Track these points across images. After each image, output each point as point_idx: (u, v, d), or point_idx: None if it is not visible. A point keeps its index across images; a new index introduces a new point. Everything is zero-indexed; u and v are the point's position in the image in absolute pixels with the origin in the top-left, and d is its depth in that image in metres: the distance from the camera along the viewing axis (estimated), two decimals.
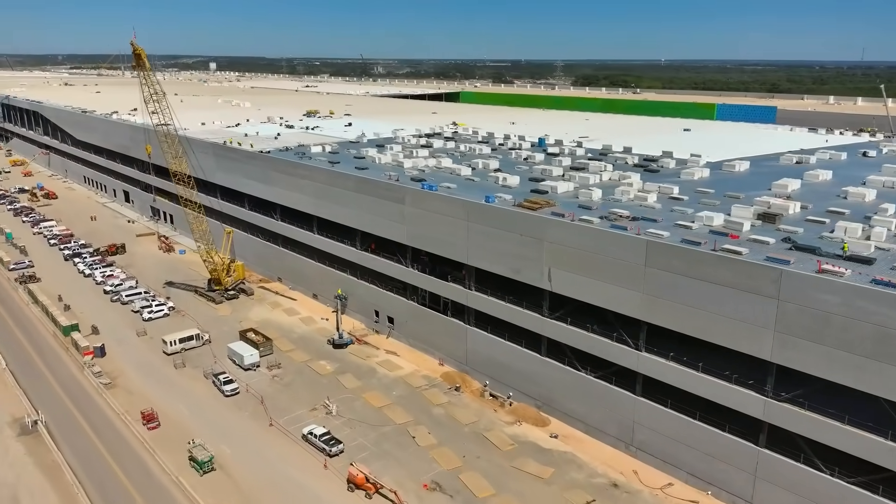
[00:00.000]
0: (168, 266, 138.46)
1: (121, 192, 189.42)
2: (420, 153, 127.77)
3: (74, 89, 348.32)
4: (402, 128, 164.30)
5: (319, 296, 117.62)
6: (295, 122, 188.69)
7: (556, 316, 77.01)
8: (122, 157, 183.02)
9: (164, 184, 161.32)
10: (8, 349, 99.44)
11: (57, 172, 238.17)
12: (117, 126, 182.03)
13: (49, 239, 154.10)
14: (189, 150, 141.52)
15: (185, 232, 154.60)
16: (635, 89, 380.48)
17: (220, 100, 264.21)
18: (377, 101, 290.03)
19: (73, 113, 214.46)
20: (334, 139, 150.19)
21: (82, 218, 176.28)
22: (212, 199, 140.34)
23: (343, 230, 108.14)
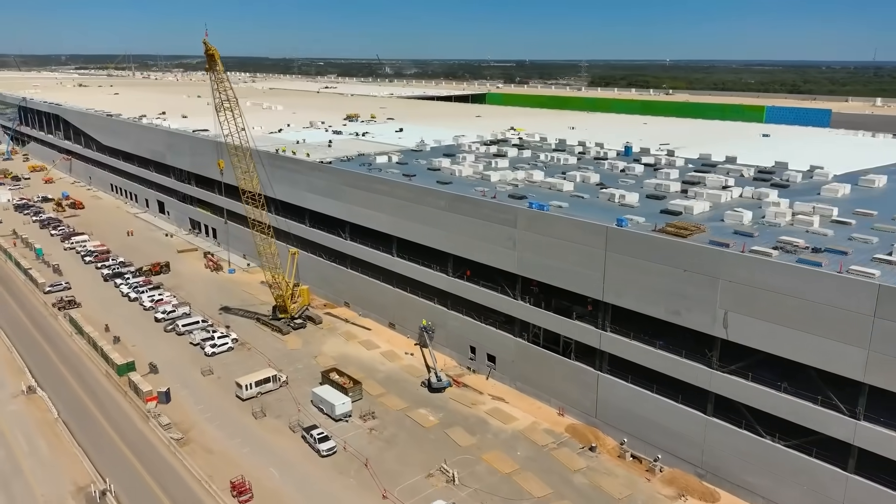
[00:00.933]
0: (219, 288, 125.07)
1: (154, 202, 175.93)
2: (499, 163, 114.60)
3: (90, 91, 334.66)
4: (462, 134, 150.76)
5: (398, 325, 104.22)
6: (338, 126, 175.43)
7: (730, 369, 63.72)
8: (156, 164, 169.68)
9: (204, 194, 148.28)
10: (58, 395, 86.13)
11: (80, 179, 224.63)
12: (153, 132, 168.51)
13: (83, 256, 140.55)
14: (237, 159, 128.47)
15: (230, 248, 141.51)
16: (667, 90, 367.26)
17: (249, 102, 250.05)
18: (408, 104, 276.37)
19: (100, 116, 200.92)
20: (392, 146, 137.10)
21: (115, 231, 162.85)
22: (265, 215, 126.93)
23: (429, 253, 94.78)
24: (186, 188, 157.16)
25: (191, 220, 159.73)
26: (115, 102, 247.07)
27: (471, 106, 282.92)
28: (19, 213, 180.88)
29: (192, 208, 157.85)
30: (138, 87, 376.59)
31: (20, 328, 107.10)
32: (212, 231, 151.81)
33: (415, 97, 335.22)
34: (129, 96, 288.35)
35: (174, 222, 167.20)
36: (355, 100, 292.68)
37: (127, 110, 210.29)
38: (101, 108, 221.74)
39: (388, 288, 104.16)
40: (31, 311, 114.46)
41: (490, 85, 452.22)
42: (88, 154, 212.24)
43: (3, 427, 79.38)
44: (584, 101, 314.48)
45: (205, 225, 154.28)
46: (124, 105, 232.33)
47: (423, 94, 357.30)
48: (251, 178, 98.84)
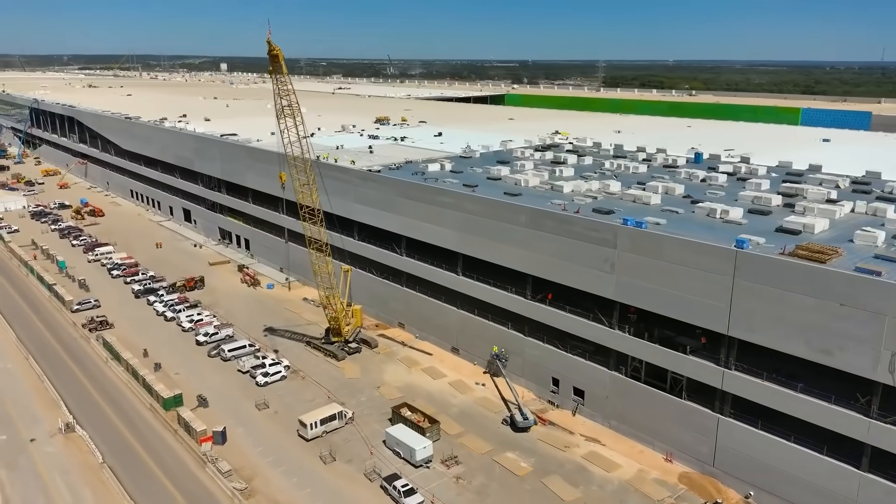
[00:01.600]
0: (259, 305, 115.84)
1: (179, 210, 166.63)
2: (564, 172, 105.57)
3: (101, 92, 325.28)
4: (509, 139, 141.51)
5: (463, 351, 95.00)
6: (371, 130, 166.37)
7: (893, 420, 54.62)
8: (182, 170, 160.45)
9: (235, 203, 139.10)
10: (100, 433, 76.95)
11: (96, 184, 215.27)
12: (179, 137, 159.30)
13: (110, 269, 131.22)
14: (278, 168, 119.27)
15: (265, 260, 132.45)
16: (690, 91, 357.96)
17: (270, 104, 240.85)
18: (431, 106, 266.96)
19: (119, 119, 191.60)
20: (438, 153, 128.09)
21: (140, 240, 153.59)
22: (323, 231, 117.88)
23: (502, 272, 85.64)
24: (216, 196, 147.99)
25: (220, 229, 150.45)
26: (129, 104, 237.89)
27: (499, 108, 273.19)
28: (36, 222, 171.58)
29: (221, 217, 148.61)
30: (149, 87, 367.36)
31: (49, 352, 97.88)
32: (244, 242, 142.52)
33: (433, 98, 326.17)
34: (142, 97, 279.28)
35: (202, 232, 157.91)
36: (374, 101, 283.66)
37: (144, 112, 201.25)
38: (117, 110, 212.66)
39: (451, 309, 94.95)
40: (59, 332, 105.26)
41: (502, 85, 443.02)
42: (106, 158, 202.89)
43: (42, 472, 70.39)
44: (608, 103, 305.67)
45: (236, 235, 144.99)
46: (139, 107, 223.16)
47: (440, 95, 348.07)
48: (311, 191, 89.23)
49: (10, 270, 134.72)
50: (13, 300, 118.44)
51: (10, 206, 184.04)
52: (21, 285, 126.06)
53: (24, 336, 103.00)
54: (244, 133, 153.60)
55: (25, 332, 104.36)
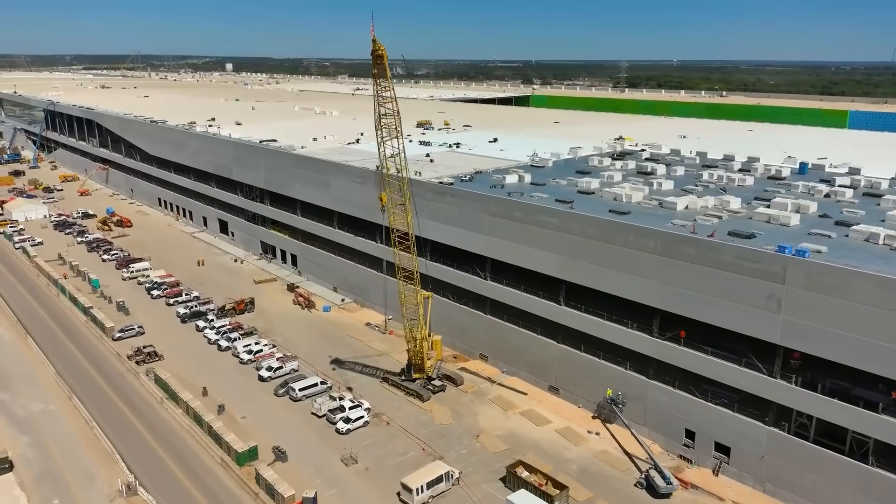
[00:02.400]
0: (319, 331, 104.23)
1: (214, 220, 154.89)
2: (664, 185, 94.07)
3: (115, 93, 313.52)
4: (578, 145, 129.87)
5: (563, 391, 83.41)
6: (416, 135, 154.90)
7: None
8: (218, 179, 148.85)
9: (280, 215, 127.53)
10: (166, 496, 65.38)
11: (119, 191, 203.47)
12: (217, 143, 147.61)
13: (149, 289, 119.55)
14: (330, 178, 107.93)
15: (315, 278, 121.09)
16: (721, 92, 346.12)
17: (297, 107, 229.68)
18: (463, 108, 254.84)
19: (145, 123, 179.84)
20: (505, 161, 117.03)
21: (174, 254, 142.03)
22: (369, 244, 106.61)
23: (619, 304, 74.20)
24: (258, 207, 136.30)
25: (262, 243, 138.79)
26: (148, 106, 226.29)
27: (540, 111, 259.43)
28: (60, 233, 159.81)
29: (264, 230, 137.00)
30: (163, 88, 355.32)
31: (95, 390, 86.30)
32: (290, 257, 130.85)
33: (457, 100, 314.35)
34: (159, 99, 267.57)
35: (240, 245, 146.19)
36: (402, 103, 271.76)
37: (166, 115, 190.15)
38: (137, 112, 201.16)
39: (549, 343, 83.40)
40: (103, 365, 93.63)
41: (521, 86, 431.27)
42: (130, 164, 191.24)
43: None
44: (641, 104, 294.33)
45: (280, 250, 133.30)
46: (160, 109, 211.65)
47: (463, 96, 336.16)
48: (405, 213, 77.52)
49: (39, 290, 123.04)
50: (46, 325, 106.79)
51: (30, 215, 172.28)
52: (53, 308, 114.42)
53: (64, 370, 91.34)
54: (284, 139, 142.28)
55: (64, 365, 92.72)
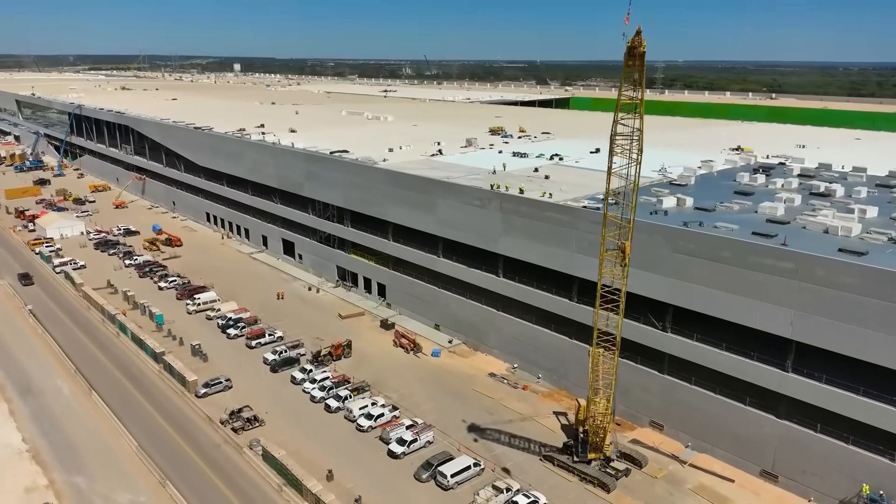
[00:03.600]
0: (436, 384, 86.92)
1: (277, 241, 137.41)
2: (867, 212, 76.84)
3: (138, 95, 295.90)
4: (708, 158, 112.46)
5: (785, 478, 66.08)
6: (498, 144, 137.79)
7: None
8: (283, 194, 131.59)
9: (366, 239, 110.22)
10: None
11: (158, 203, 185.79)
12: (284, 155, 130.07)
13: (223, 326, 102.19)
14: (438, 200, 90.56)
15: (409, 311, 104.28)
16: (770, 94, 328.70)
17: (344, 111, 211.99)
18: (512, 112, 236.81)
19: (190, 130, 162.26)
20: None
21: (240, 281, 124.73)
22: (487, 277, 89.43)
23: (871, 370, 57.16)
24: (336, 228, 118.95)
25: (339, 269, 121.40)
26: (180, 110, 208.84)
27: (601, 115, 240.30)
28: (103, 253, 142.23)
29: (342, 254, 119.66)
30: (185, 90, 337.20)
31: (191, 472, 69.00)
32: (375, 286, 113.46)
33: (497, 102, 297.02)
34: (189, 102, 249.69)
35: (309, 269, 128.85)
36: (439, 106, 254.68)
37: (205, 120, 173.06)
38: (170, 116, 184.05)
39: (767, 418, 66.20)
40: (193, 433, 76.28)
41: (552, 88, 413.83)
42: (172, 175, 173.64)
43: None
44: (695, 107, 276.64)
45: (364, 278, 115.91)
46: (195, 113, 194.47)
47: (500, 98, 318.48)
48: (624, 260, 59.80)
49: (93, 327, 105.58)
50: (111, 377, 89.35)
51: (65, 231, 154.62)
52: (114, 351, 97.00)
53: (147, 442, 73.94)
54: (356, 149, 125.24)
55: (146, 435, 75.33)
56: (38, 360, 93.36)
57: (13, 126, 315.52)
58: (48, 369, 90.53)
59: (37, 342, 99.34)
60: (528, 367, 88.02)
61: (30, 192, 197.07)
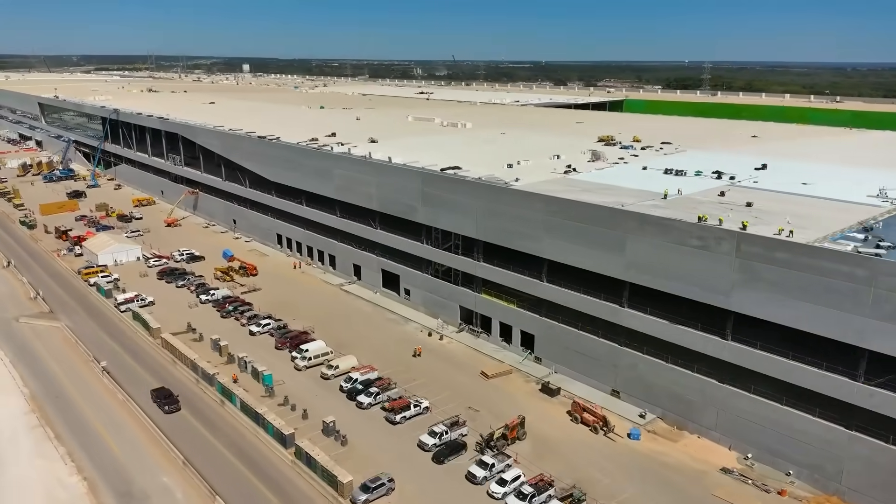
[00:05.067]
0: (659, 484, 66.39)
1: (374, 271, 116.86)
2: None
3: (167, 97, 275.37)
4: None
5: None
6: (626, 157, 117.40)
7: None
8: (383, 217, 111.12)
9: (507, 277, 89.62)
10: None
11: (214, 221, 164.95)
12: (390, 173, 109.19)
13: (351, 392, 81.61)
14: (627, 237, 69.27)
15: (567, 369, 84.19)
16: (834, 97, 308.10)
17: (410, 118, 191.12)
18: (584, 116, 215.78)
19: (258, 140, 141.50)
20: (836, 203, 79.54)
21: (340, 322, 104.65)
22: (730, 347, 68.84)
23: None
24: (462, 262, 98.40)
25: (464, 310, 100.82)
26: (223, 115, 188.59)
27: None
28: (169, 284, 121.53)
29: (469, 293, 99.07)
30: (213, 92, 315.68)
31: None
32: (518, 335, 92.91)
33: (550, 105, 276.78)
34: (229, 106, 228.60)
35: (420, 307, 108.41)
36: (511, 110, 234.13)
37: (257, 127, 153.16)
38: (212, 121, 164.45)
39: None
40: None
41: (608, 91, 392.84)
42: (233, 190, 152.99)
43: None
44: (767, 111, 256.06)
45: (500, 323, 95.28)
46: (241, 118, 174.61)
47: (549, 101, 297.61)
48: None
49: (187, 390, 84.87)
50: (232, 470, 68.69)
51: (120, 256, 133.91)
52: (223, 428, 76.43)
53: None
54: (464, 166, 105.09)
55: None
56: (130, 443, 72.83)
57: (31, 129, 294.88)
58: (146, 459, 69.98)
59: (122, 415, 78.79)
60: (770, 458, 67.67)
61: (66, 206, 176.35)
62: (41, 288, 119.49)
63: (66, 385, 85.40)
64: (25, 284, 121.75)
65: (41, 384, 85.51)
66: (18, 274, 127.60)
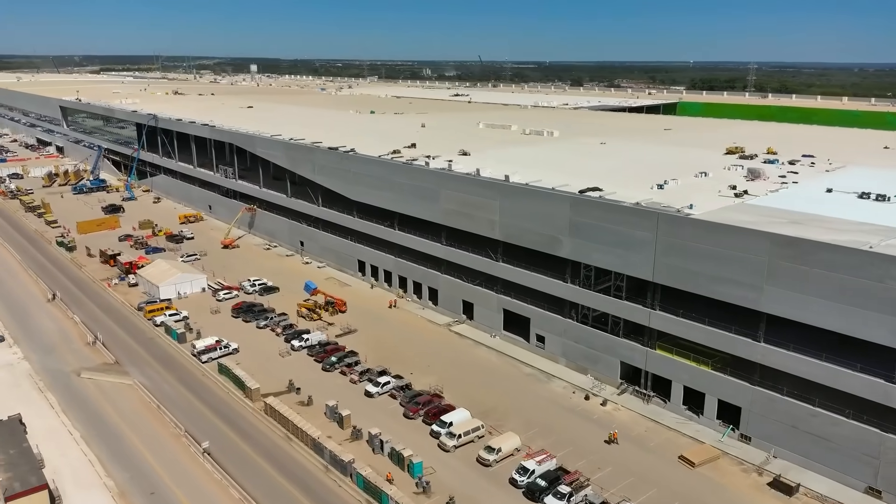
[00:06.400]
0: None
1: (491, 311, 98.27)
2: None
3: (198, 101, 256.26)
4: None
5: None
6: (780, 174, 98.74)
7: None
8: (508, 248, 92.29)
9: (690, 330, 71.00)
10: None
11: (275, 242, 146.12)
12: (528, 196, 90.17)
13: (533, 490, 62.94)
14: None
15: (802, 459, 64.68)
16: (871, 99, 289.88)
17: (482, 124, 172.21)
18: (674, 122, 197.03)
19: (340, 155, 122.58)
20: None
21: (462, 375, 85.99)
22: None
23: None
24: (627, 309, 79.60)
25: (625, 366, 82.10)
26: (266, 121, 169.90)
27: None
28: (247, 324, 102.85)
29: (632, 346, 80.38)
30: (242, 95, 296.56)
31: None
32: (714, 405, 74.18)
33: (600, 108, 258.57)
34: (267, 110, 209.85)
35: (560, 358, 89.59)
36: (581, 115, 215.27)
37: (311, 134, 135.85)
38: (270, 130, 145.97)
39: None
40: None
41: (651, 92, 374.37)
42: (300, 208, 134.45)
43: None
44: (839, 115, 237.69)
45: (685, 388, 76.58)
46: (289, 125, 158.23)
47: (598, 103, 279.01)
48: None
49: (312, 478, 66.39)
50: None
51: (184, 288, 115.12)
52: None
53: None
54: (610, 186, 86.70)
55: None
56: None
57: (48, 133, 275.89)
58: None
59: None
60: None
61: (106, 223, 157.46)
62: (98, 328, 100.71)
63: (160, 474, 66.78)
64: (78, 324, 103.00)
65: (127, 473, 66.90)
66: (68, 310, 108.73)
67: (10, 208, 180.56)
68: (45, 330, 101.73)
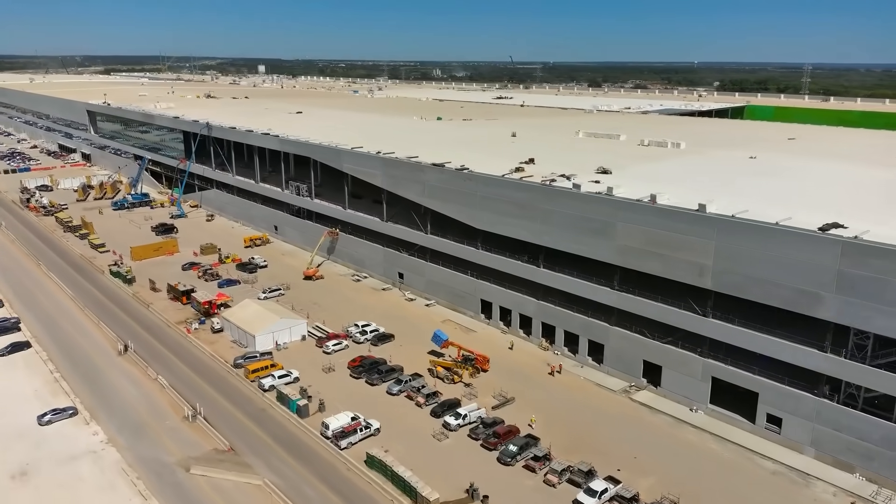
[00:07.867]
0: None
1: (688, 377, 77.28)
2: None
3: (233, 105, 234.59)
4: None
5: None
6: None
7: None
8: (719, 299, 71.50)
9: None
10: None
11: (364, 272, 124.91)
12: (767, 237, 69.05)
13: None
14: None
15: None
16: None
17: (581, 133, 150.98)
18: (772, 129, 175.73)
19: (461, 175, 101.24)
20: None
21: (676, 469, 65.44)
22: None
23: None
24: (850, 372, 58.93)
25: None
26: (330, 129, 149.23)
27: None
28: (372, 387, 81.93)
29: (873, 421, 59.62)
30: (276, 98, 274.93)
31: None
32: None
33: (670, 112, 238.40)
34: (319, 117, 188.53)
35: (806, 448, 68.87)
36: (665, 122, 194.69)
37: (394, 147, 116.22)
38: (337, 140, 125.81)
39: None
40: None
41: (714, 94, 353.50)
42: (396, 234, 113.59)
43: None
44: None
45: None
46: (358, 136, 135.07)
47: (661, 106, 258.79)
48: None
49: None
50: None
51: (282, 337, 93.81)
52: None
53: None
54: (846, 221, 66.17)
55: None
56: None
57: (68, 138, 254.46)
58: None
59: None
60: None
61: (164, 248, 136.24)
62: (191, 394, 79.55)
63: None
64: (166, 389, 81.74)
65: None
66: (148, 367, 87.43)
67: (47, 227, 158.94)
68: (126, 397, 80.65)
